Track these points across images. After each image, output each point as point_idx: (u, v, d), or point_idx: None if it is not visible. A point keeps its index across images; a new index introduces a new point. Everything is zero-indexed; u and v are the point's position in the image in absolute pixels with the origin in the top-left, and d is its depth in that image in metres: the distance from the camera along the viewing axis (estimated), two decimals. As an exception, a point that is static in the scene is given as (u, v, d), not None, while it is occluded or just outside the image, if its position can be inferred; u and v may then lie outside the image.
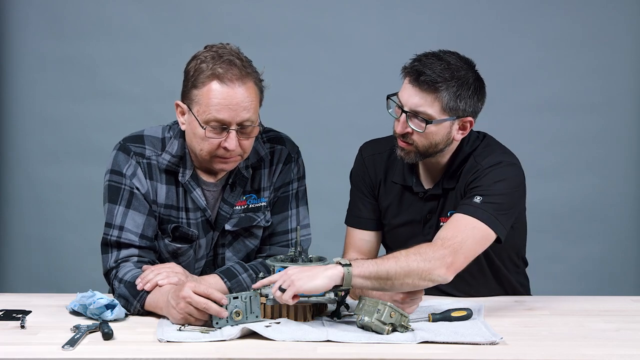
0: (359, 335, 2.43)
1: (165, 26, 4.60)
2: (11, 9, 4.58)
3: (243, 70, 2.70)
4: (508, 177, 2.82)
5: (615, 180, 4.66)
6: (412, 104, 2.79)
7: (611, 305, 2.89)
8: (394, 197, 2.98)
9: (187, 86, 2.74)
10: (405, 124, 2.81)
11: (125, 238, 2.77)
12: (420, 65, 2.78)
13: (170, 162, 2.82)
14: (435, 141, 2.82)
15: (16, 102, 4.62)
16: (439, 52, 2.82)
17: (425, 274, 2.58)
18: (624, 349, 2.39)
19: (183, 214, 2.84)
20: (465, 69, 2.80)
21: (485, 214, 2.72)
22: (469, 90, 2.79)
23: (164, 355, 2.30)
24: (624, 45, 4.61)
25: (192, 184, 2.83)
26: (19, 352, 2.33)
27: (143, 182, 2.80)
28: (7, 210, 4.68)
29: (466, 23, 4.57)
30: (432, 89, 2.76)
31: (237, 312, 2.50)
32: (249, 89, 2.71)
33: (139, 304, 2.66)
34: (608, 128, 4.65)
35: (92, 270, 3.56)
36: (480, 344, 2.38)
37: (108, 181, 2.82)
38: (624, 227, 4.68)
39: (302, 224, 2.93)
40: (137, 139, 2.85)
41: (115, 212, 2.78)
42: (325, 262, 2.60)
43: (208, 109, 2.69)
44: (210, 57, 2.71)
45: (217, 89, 2.68)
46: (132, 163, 2.81)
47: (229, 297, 2.51)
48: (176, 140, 2.83)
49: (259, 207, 2.89)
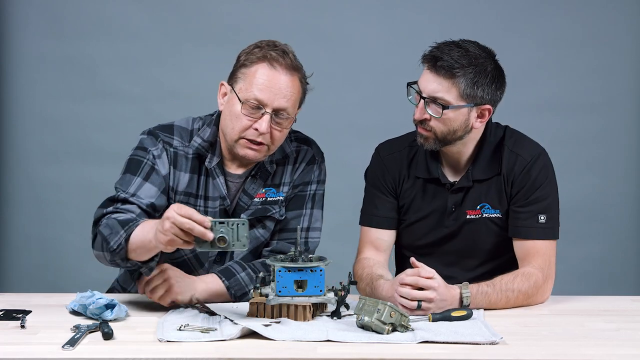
0: (359, 335, 2.43)
1: (165, 26, 4.60)
2: (11, 9, 4.58)
3: (293, 64, 2.81)
4: (550, 173, 2.93)
5: (615, 180, 4.66)
6: (429, 89, 2.81)
7: (611, 305, 2.89)
8: (417, 191, 2.98)
9: (237, 66, 2.82)
10: (423, 110, 2.83)
11: (135, 200, 2.78)
12: (438, 52, 2.81)
13: (201, 145, 2.86)
14: (453, 128, 2.83)
15: (16, 102, 4.62)
16: (459, 40, 2.85)
17: (529, 304, 2.82)
18: (624, 348, 2.39)
19: (202, 201, 2.87)
20: (484, 57, 2.82)
21: (553, 230, 2.91)
22: (486, 78, 2.81)
23: (164, 355, 2.30)
24: (624, 45, 4.62)
25: (217, 171, 2.86)
26: (19, 352, 2.33)
27: (166, 166, 2.85)
28: (7, 210, 4.68)
29: (466, 23, 4.57)
30: (449, 75, 2.78)
31: (222, 237, 2.45)
32: (294, 81, 2.81)
33: (126, 234, 2.61)
34: (608, 128, 4.65)
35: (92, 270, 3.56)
36: (480, 343, 2.38)
37: (131, 155, 2.86)
38: (624, 227, 4.68)
39: (313, 226, 2.96)
40: (166, 128, 2.89)
41: (132, 181, 2.81)
42: (325, 263, 2.60)
43: (251, 87, 2.77)
44: (267, 44, 2.81)
45: (265, 70, 2.77)
46: (159, 147, 2.85)
47: (214, 221, 2.46)
48: (209, 127, 2.88)
49: (276, 200, 2.92)
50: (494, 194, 2.91)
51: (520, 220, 2.89)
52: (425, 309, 2.64)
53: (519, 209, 2.89)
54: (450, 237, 2.95)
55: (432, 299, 2.65)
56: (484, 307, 2.74)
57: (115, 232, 2.64)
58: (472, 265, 2.94)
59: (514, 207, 2.90)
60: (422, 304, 2.64)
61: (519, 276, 2.81)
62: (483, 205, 2.92)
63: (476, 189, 2.92)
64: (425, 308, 2.64)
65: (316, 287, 2.58)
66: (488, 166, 2.91)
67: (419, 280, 2.67)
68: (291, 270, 2.57)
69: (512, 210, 2.90)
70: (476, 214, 2.92)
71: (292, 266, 2.57)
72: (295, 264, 2.58)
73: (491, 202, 2.91)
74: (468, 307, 2.68)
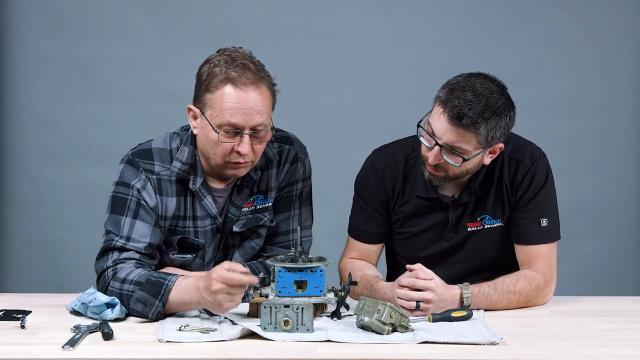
0: (359, 335, 2.43)
1: (165, 26, 4.60)
2: (11, 9, 4.58)
3: (257, 75, 2.70)
4: (549, 175, 2.91)
5: (615, 180, 4.66)
6: (448, 139, 2.73)
7: (611, 305, 2.89)
8: (415, 206, 2.93)
9: (200, 90, 2.72)
10: (439, 155, 2.76)
11: (132, 246, 2.73)
12: (459, 105, 2.69)
13: (181, 169, 2.79)
14: (467, 169, 2.81)
15: (16, 102, 4.62)
16: (474, 80, 2.74)
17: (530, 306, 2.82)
18: (624, 349, 2.39)
19: (190, 222, 2.82)
20: (500, 99, 2.74)
21: (554, 232, 2.91)
22: (503, 122, 2.75)
23: (164, 355, 2.30)
24: (624, 45, 4.61)
25: (203, 192, 2.81)
26: (19, 352, 2.33)
27: (153, 197, 2.77)
28: (7, 210, 4.68)
29: (466, 23, 4.56)
30: (473, 129, 2.71)
31: (287, 320, 2.45)
32: (263, 93, 2.71)
33: (161, 303, 2.57)
34: (608, 128, 4.65)
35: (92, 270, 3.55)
36: (480, 344, 2.38)
37: (114, 192, 2.79)
38: (624, 227, 4.68)
39: (304, 225, 2.93)
40: (145, 154, 2.81)
41: (122, 222, 2.74)
42: (325, 263, 2.60)
43: (221, 113, 2.68)
44: (224, 61, 2.70)
45: (231, 92, 2.67)
46: (141, 178, 2.77)
47: (279, 304, 2.46)
48: (186, 147, 2.81)
49: (265, 207, 2.89)
50: (494, 204, 2.89)
51: (523, 226, 2.88)
52: (424, 309, 2.64)
53: (521, 215, 2.88)
54: (452, 250, 2.93)
55: (430, 300, 2.64)
56: (484, 308, 2.73)
57: (150, 304, 2.58)
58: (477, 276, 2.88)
59: (516, 214, 2.88)
60: (420, 305, 2.63)
61: (522, 279, 2.80)
62: (484, 217, 2.90)
63: (475, 201, 2.90)
64: (424, 309, 2.64)
65: (316, 287, 2.57)
66: (487, 177, 2.89)
67: (416, 282, 2.67)
68: (291, 270, 2.57)
69: (514, 217, 2.89)
70: (477, 225, 2.91)
71: (292, 266, 2.57)
72: (295, 264, 2.58)
73: (491, 212, 2.89)
74: (469, 308, 2.68)
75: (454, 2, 4.61)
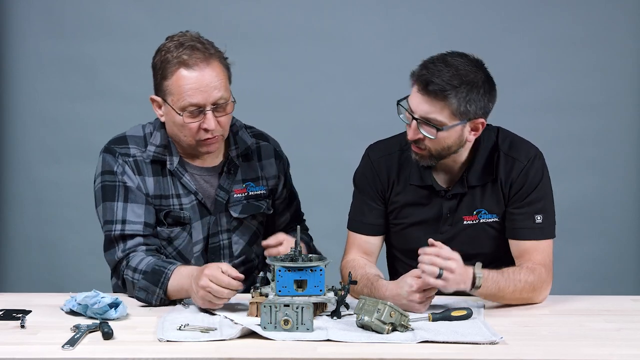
0: (359, 335, 2.43)
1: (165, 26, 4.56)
2: (11, 9, 4.58)
3: (206, 52, 2.83)
4: (545, 173, 2.92)
5: (615, 180, 4.66)
6: (421, 111, 2.79)
7: (611, 305, 2.89)
8: (410, 196, 2.96)
9: (157, 79, 2.89)
10: (416, 130, 2.81)
11: (130, 229, 2.85)
12: (428, 74, 2.76)
13: (156, 152, 2.93)
14: (447, 144, 2.82)
15: (16, 102, 4.62)
16: (447, 55, 2.81)
17: (530, 300, 2.83)
18: (625, 348, 2.39)
19: (174, 200, 2.93)
20: (474, 71, 2.79)
21: (550, 229, 2.92)
22: (479, 93, 2.78)
23: (164, 355, 2.30)
24: (624, 45, 4.61)
25: (181, 170, 2.93)
26: (19, 352, 2.33)
27: (133, 178, 2.90)
28: (7, 210, 4.68)
29: (466, 23, 4.57)
30: (441, 97, 2.75)
31: (287, 320, 2.45)
32: (215, 69, 2.84)
33: (162, 290, 2.73)
34: (608, 128, 4.65)
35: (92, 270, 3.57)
36: (480, 343, 2.38)
37: (101, 182, 2.91)
38: (624, 227, 4.68)
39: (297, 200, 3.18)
40: (120, 141, 2.96)
41: (114, 208, 2.87)
42: (325, 262, 2.60)
43: (181, 96, 2.82)
44: (174, 47, 2.85)
45: (186, 75, 2.82)
46: (119, 162, 2.91)
47: (279, 303, 2.47)
48: (158, 132, 2.95)
49: (259, 194, 3.02)
50: (490, 199, 2.91)
51: (517, 221, 2.89)
52: (445, 279, 2.64)
53: (515, 211, 2.89)
54: (448, 243, 2.93)
55: (453, 270, 2.66)
56: (493, 292, 2.74)
57: (152, 292, 2.75)
58: None
59: (511, 209, 2.90)
60: (443, 273, 2.64)
61: (524, 269, 2.82)
62: (479, 210, 2.92)
63: (471, 194, 2.92)
64: (445, 278, 2.64)
65: (316, 286, 2.58)
66: (483, 172, 2.91)
67: (441, 252, 2.68)
68: (291, 269, 2.57)
69: (508, 212, 2.90)
70: (473, 219, 2.92)
71: (292, 266, 2.57)
72: (295, 263, 2.58)
73: (488, 207, 2.91)
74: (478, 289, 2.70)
75: (454, 2, 4.61)
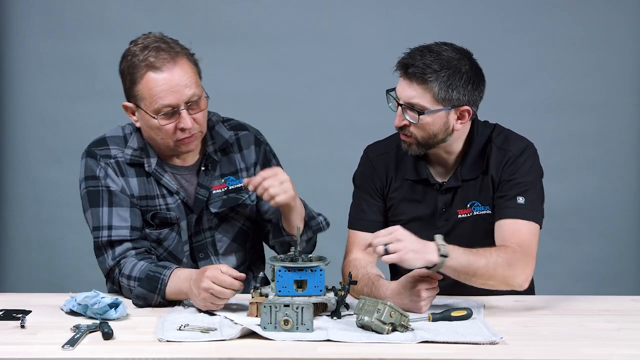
0: (359, 335, 2.43)
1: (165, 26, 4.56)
2: (11, 9, 4.58)
3: (172, 52, 2.82)
4: (534, 163, 2.91)
5: (615, 180, 4.66)
6: (405, 96, 2.83)
7: (611, 305, 2.89)
8: (406, 192, 2.98)
9: (127, 85, 2.86)
10: (401, 116, 2.85)
11: (116, 235, 2.84)
12: (410, 58, 2.82)
13: (134, 155, 2.91)
14: (433, 131, 2.84)
15: (16, 102, 4.62)
16: (433, 44, 2.86)
17: (508, 280, 2.75)
18: (625, 348, 2.39)
19: (160, 200, 2.91)
20: (458, 58, 2.82)
21: (533, 213, 2.84)
22: (461, 80, 2.80)
23: (164, 355, 2.30)
24: (624, 45, 4.61)
25: (159, 171, 2.91)
26: (19, 352, 2.33)
27: (116, 180, 2.89)
28: (7, 210, 4.68)
29: (466, 23, 4.57)
30: (421, 80, 2.79)
31: (287, 320, 2.45)
32: (183, 67, 2.82)
33: (160, 297, 2.72)
34: (608, 128, 4.65)
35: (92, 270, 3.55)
36: (480, 343, 2.38)
37: (85, 188, 2.92)
38: (624, 227, 4.68)
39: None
40: (100, 143, 2.95)
41: (100, 214, 2.87)
42: (325, 262, 2.60)
43: (154, 99, 2.80)
44: (139, 50, 2.83)
45: (155, 77, 2.80)
46: (101, 165, 2.90)
47: (279, 303, 2.47)
48: (135, 134, 2.93)
49: (239, 187, 2.98)
50: (482, 191, 2.92)
51: (500, 203, 2.87)
52: (395, 250, 2.58)
53: (500, 194, 2.89)
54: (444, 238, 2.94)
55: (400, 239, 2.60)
56: (464, 265, 2.67)
57: (150, 297, 2.74)
58: None
59: (496, 195, 2.90)
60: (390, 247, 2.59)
61: (496, 247, 2.78)
62: (473, 203, 2.93)
63: (465, 187, 2.93)
64: (395, 249, 2.59)
65: (316, 287, 2.58)
66: (476, 165, 2.92)
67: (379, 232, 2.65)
68: (291, 270, 2.57)
69: (495, 199, 2.90)
70: (467, 212, 2.93)
71: (292, 266, 2.57)
72: (295, 263, 2.59)
73: (480, 199, 2.92)
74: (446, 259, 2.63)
75: (454, 2, 4.61)
